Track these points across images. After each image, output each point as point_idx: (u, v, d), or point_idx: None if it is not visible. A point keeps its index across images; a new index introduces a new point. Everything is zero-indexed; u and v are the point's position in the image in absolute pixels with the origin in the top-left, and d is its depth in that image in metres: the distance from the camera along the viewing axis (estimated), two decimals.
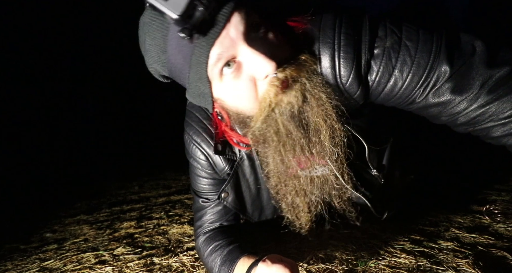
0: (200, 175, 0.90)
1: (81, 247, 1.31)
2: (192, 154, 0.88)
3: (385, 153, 0.95)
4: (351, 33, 0.63)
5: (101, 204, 2.09)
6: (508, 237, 0.97)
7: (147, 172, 3.13)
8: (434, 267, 0.83)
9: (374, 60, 0.64)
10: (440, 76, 0.62)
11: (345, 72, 0.64)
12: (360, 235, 1.07)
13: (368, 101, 0.73)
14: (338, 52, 0.63)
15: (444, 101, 0.64)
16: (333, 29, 0.64)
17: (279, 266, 0.60)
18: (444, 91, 0.63)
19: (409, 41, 0.63)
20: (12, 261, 1.26)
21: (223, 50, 0.55)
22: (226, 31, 0.54)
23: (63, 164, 4.20)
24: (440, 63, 0.61)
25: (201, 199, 0.92)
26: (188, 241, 1.22)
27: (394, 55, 0.63)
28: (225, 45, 0.55)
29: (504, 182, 1.52)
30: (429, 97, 0.65)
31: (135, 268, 1.03)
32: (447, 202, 1.31)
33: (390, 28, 0.64)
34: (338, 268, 0.87)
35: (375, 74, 0.65)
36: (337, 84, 0.66)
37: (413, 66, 0.62)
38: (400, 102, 0.69)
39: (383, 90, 0.67)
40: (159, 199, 2.03)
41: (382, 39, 0.64)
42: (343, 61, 0.63)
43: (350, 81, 0.65)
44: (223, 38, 0.54)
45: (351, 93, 0.67)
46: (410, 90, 0.65)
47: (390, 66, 0.63)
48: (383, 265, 0.86)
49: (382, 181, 0.92)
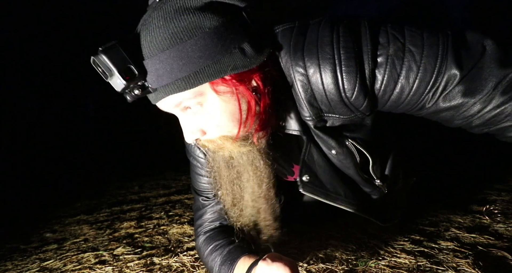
0: (200, 174, 0.91)
1: (81, 247, 1.31)
2: (191, 152, 0.90)
3: (388, 163, 0.95)
4: (350, 45, 0.62)
5: (101, 204, 2.09)
6: (508, 237, 0.97)
7: (147, 172, 3.13)
8: (434, 267, 0.82)
9: (378, 69, 0.63)
10: (450, 80, 0.60)
11: (349, 86, 0.63)
12: (360, 235, 1.07)
13: (375, 110, 0.72)
14: (340, 67, 0.62)
15: (456, 105, 0.62)
16: (331, 45, 0.63)
17: (279, 264, 0.60)
18: (455, 95, 0.61)
19: (413, 46, 0.61)
20: (12, 261, 1.26)
21: (164, 110, 0.67)
22: (159, 105, 0.66)
23: (63, 164, 4.20)
24: (448, 67, 0.60)
25: (201, 198, 0.92)
26: (188, 241, 1.22)
27: (398, 62, 0.62)
28: (163, 109, 0.67)
29: (504, 182, 1.52)
30: (439, 102, 0.63)
31: (135, 268, 1.03)
32: (447, 202, 1.31)
33: (392, 34, 0.63)
34: (338, 268, 0.87)
35: (380, 83, 0.64)
36: (342, 99, 0.66)
37: (419, 72, 0.61)
38: (408, 108, 0.68)
39: (390, 98, 0.66)
40: (159, 199, 2.03)
41: (385, 46, 0.62)
42: (346, 75, 0.62)
43: (355, 95, 0.64)
44: (160, 107, 0.67)
45: (357, 106, 0.67)
46: (418, 97, 0.64)
47: (395, 73, 0.62)
48: (383, 265, 0.86)
49: (386, 191, 0.92)
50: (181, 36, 0.57)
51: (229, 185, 0.77)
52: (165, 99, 0.63)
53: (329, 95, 0.66)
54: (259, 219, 0.80)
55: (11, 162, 3.95)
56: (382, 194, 0.92)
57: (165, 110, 0.68)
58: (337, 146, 0.77)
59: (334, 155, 0.79)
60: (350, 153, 0.80)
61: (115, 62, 0.56)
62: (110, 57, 0.56)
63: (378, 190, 0.91)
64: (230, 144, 0.69)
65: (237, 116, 0.66)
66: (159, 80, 0.60)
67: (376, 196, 0.93)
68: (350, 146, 0.79)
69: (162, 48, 0.58)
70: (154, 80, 0.60)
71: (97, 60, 0.57)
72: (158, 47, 0.58)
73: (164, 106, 0.65)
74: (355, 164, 0.82)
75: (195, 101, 0.63)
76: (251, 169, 0.73)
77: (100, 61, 0.57)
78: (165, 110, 0.67)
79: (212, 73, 0.60)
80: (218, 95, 0.63)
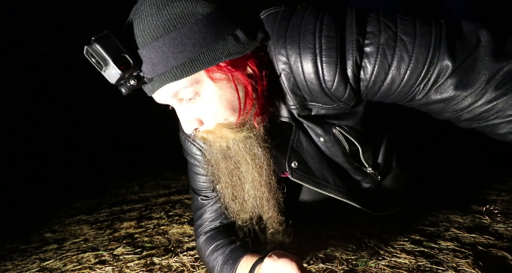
0: (198, 172, 0.91)
1: (81, 247, 1.31)
2: (188, 151, 0.90)
3: (381, 151, 0.94)
4: (333, 35, 0.60)
5: (101, 204, 2.09)
6: (508, 237, 0.97)
7: (147, 172, 3.13)
8: (434, 267, 0.82)
9: (368, 58, 0.61)
10: (442, 71, 0.58)
11: (329, 77, 0.62)
12: (360, 235, 1.07)
13: (361, 100, 0.72)
14: (320, 56, 0.61)
15: (448, 97, 0.60)
16: (313, 34, 0.61)
17: (286, 260, 0.60)
18: (447, 87, 0.59)
19: (405, 35, 0.59)
20: (12, 261, 1.26)
21: (161, 102, 0.67)
22: (155, 96, 0.65)
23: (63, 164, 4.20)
24: (440, 58, 0.57)
25: (200, 197, 0.92)
26: (188, 241, 1.22)
27: (389, 52, 0.59)
28: (160, 101, 0.67)
29: (504, 182, 1.52)
30: (430, 94, 0.61)
31: (135, 268, 1.03)
32: (447, 202, 1.31)
33: (384, 23, 0.60)
34: (338, 268, 0.87)
35: (370, 73, 0.62)
36: (323, 89, 0.65)
37: (411, 63, 0.59)
38: (399, 99, 0.67)
39: (380, 89, 0.64)
40: (159, 199, 2.03)
41: (376, 35, 0.60)
42: (326, 66, 0.61)
43: (335, 85, 0.63)
44: (156, 99, 0.66)
45: (338, 97, 0.66)
46: (409, 88, 0.62)
47: (386, 64, 0.60)
48: (383, 265, 0.86)
49: (379, 178, 0.92)
50: (174, 24, 0.57)
51: (228, 177, 0.76)
52: (162, 89, 0.62)
53: (310, 85, 0.65)
54: (262, 211, 0.79)
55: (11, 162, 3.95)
56: (375, 182, 0.92)
57: (162, 102, 0.67)
58: (323, 133, 0.77)
59: (322, 142, 0.79)
60: (337, 141, 0.79)
61: (109, 51, 0.55)
62: (103, 46, 0.55)
63: (371, 178, 0.91)
64: (229, 132, 0.68)
65: (234, 103, 0.65)
66: (155, 69, 0.59)
67: (368, 184, 0.93)
68: (337, 133, 0.79)
69: (156, 36, 0.57)
70: (150, 70, 0.59)
71: (91, 50, 0.56)
72: (152, 35, 0.57)
73: (160, 97, 0.65)
74: (344, 152, 0.81)
75: (192, 90, 0.62)
76: (249, 156, 0.72)
77: (94, 51, 0.56)
78: (161, 102, 0.67)
79: (207, 61, 0.59)
80: (214, 82, 0.63)
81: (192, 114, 0.67)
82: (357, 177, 0.91)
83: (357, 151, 0.84)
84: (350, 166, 0.86)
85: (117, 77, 0.57)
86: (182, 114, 0.67)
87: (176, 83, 0.61)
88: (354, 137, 0.80)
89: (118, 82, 0.58)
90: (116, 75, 0.56)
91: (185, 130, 0.68)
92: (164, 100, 0.66)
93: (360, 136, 0.81)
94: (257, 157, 0.72)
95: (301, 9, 0.66)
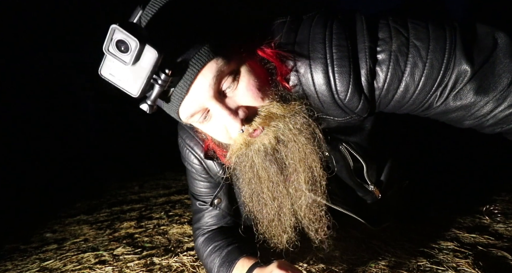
0: (196, 179, 0.90)
1: (81, 247, 1.31)
2: (186, 158, 0.88)
3: (385, 168, 0.92)
4: (344, 44, 0.57)
5: (101, 204, 2.09)
6: (508, 237, 0.97)
7: (147, 172, 3.13)
8: (434, 267, 0.82)
9: (380, 66, 0.58)
10: (460, 76, 0.55)
11: (341, 87, 0.58)
12: (360, 235, 1.07)
13: (373, 112, 0.67)
14: (332, 67, 0.58)
15: (468, 103, 0.57)
16: (323, 43, 0.58)
17: None
18: (466, 93, 0.56)
19: (418, 40, 0.56)
20: (12, 261, 1.26)
21: (192, 111, 0.57)
22: (191, 95, 0.55)
23: (63, 164, 4.20)
24: (457, 62, 0.55)
25: (198, 202, 0.92)
26: (188, 241, 1.22)
27: (402, 58, 0.56)
28: (194, 106, 0.56)
29: (504, 182, 1.52)
30: (449, 101, 0.58)
31: (135, 268, 1.03)
32: (447, 202, 1.31)
33: (394, 28, 0.57)
34: (338, 268, 0.87)
35: (382, 82, 0.59)
36: (335, 101, 0.61)
37: (425, 69, 0.56)
38: (414, 108, 0.63)
39: (393, 98, 0.61)
40: (159, 199, 2.03)
41: (387, 41, 0.57)
42: (339, 76, 0.58)
43: (349, 96, 0.59)
44: (190, 102, 0.56)
45: (351, 108, 0.62)
46: (425, 95, 0.58)
47: (399, 71, 0.57)
48: (383, 265, 0.86)
49: (379, 196, 0.90)
50: None
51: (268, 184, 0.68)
52: (201, 76, 0.54)
53: (321, 97, 0.61)
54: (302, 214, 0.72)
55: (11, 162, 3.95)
56: (375, 199, 0.90)
57: (194, 108, 0.57)
58: (329, 149, 0.73)
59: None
60: (342, 157, 0.77)
61: (139, 31, 0.47)
62: (131, 26, 0.47)
63: (371, 195, 0.90)
64: (279, 109, 0.61)
65: (265, 81, 0.61)
66: (187, 54, 0.52)
67: (369, 201, 0.91)
68: (343, 150, 0.76)
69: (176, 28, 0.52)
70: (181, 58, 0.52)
71: (119, 30, 0.45)
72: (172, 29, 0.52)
73: (198, 91, 0.55)
74: (348, 168, 0.80)
75: (231, 78, 0.57)
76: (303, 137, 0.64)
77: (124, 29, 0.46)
78: (194, 106, 0.57)
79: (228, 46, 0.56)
80: (246, 66, 0.59)
81: (234, 104, 0.59)
82: (358, 193, 0.90)
83: (361, 168, 0.82)
84: (352, 181, 0.84)
85: (154, 59, 0.47)
86: (224, 109, 0.57)
87: (215, 68, 0.54)
88: (359, 154, 0.78)
89: (154, 69, 0.48)
90: (153, 57, 0.47)
91: (234, 129, 0.59)
92: (201, 97, 0.55)
93: (365, 153, 0.79)
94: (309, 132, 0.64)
95: (307, 19, 0.63)
